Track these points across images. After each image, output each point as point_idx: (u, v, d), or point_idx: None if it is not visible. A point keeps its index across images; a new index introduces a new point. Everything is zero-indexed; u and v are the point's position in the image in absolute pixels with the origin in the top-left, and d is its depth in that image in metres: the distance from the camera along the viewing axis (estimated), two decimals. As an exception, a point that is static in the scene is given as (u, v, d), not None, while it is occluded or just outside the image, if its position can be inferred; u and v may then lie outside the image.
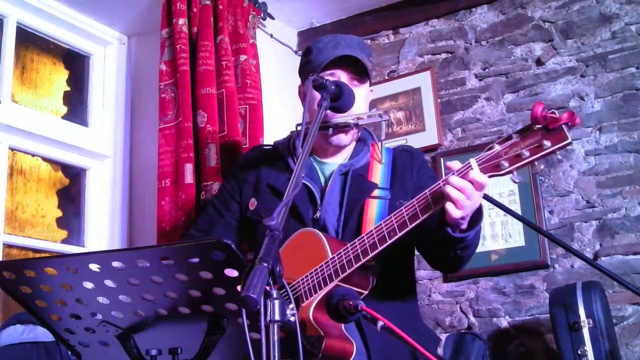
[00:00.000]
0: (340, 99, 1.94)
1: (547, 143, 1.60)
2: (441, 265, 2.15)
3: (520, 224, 3.11)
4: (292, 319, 1.28)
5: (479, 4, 3.46)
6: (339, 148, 2.14)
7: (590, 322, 2.59)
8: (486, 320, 3.15)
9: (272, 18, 3.50)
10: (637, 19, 3.11)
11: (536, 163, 1.64)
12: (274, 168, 2.18)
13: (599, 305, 2.63)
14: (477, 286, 3.20)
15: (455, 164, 1.74)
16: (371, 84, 2.20)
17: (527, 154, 1.63)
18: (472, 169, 1.70)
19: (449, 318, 3.24)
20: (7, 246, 2.85)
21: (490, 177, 1.70)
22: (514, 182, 1.68)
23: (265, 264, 1.26)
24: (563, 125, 1.58)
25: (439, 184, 1.74)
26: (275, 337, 1.24)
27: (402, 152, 2.19)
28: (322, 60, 2.07)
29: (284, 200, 1.48)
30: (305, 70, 2.16)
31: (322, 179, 2.14)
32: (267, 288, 1.25)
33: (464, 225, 1.79)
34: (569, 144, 1.60)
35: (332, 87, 1.93)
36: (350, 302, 1.53)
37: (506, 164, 1.65)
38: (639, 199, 2.97)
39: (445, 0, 3.52)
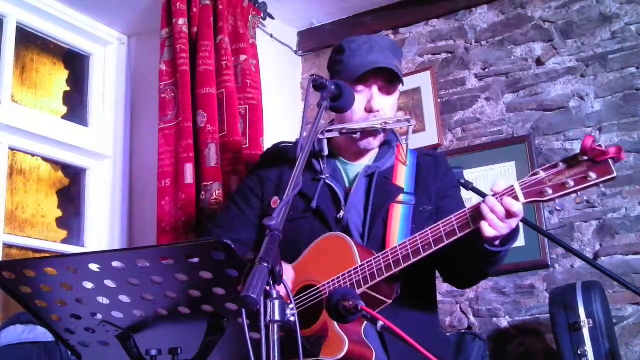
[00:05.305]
0: (340, 99, 1.94)
1: (592, 175, 1.63)
2: (461, 280, 2.13)
3: (520, 223, 3.09)
4: (292, 319, 1.28)
5: (479, 4, 3.46)
6: (366, 151, 2.14)
7: (590, 322, 2.59)
8: (486, 320, 3.15)
9: (272, 18, 3.50)
10: (637, 19, 3.11)
11: (578, 194, 1.69)
12: None
13: (599, 305, 2.63)
14: (477, 286, 3.19)
15: (498, 186, 1.77)
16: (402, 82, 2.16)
17: (572, 183, 1.66)
18: (509, 195, 1.73)
19: (449, 318, 3.23)
20: (7, 246, 2.85)
21: (532, 202, 1.74)
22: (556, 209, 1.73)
23: (265, 264, 1.26)
24: (609, 160, 1.61)
25: (479, 203, 1.77)
26: (275, 337, 1.24)
27: (426, 157, 2.19)
28: (357, 67, 2.04)
29: (284, 200, 1.48)
30: (336, 70, 2.14)
31: (346, 181, 2.13)
32: (267, 288, 1.25)
33: (496, 242, 1.83)
34: (613, 178, 1.63)
35: (332, 87, 1.92)
36: (350, 303, 1.53)
37: (550, 192, 1.69)
38: (639, 199, 2.96)
39: (445, 0, 3.52)
